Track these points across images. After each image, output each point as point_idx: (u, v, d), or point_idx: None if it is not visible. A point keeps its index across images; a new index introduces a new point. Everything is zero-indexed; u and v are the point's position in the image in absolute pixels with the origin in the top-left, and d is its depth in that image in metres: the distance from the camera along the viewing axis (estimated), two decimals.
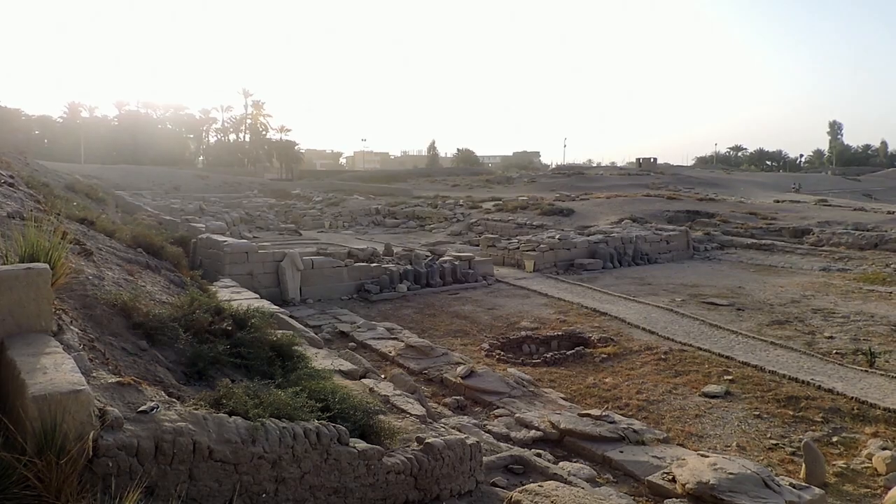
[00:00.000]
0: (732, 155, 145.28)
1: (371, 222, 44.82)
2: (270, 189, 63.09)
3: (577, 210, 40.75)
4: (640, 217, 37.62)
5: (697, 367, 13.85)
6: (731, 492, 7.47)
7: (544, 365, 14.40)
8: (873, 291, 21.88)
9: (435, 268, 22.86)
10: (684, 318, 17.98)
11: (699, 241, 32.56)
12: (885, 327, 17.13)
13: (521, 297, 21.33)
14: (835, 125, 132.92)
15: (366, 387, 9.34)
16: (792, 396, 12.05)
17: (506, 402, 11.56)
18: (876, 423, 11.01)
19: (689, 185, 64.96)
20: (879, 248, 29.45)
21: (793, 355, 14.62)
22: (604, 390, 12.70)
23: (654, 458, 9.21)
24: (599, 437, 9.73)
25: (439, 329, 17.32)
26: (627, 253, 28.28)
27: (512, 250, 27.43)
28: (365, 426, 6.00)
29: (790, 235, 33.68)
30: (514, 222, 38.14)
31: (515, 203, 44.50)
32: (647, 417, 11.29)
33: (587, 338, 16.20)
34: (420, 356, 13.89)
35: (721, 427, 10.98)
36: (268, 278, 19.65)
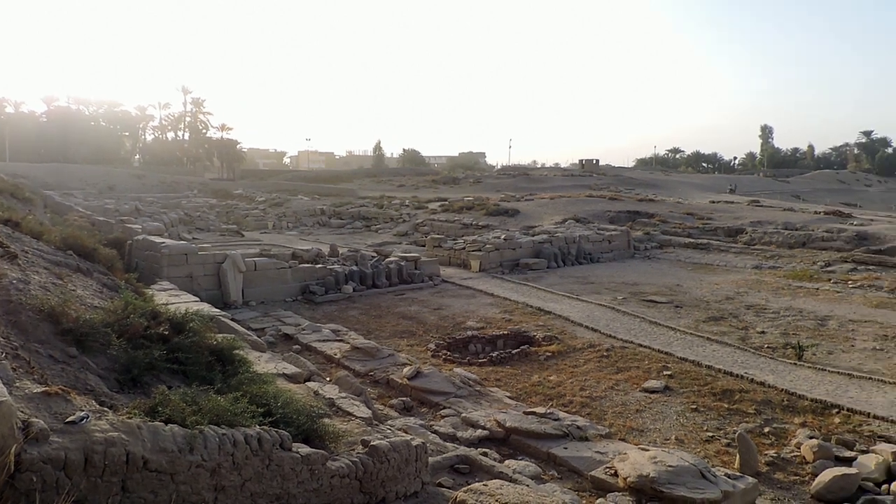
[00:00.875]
0: (671, 157, 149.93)
1: (316, 223, 44.22)
2: (211, 189, 61.48)
3: (522, 210, 41.25)
4: (583, 217, 38.38)
5: (638, 363, 14.22)
6: (670, 484, 7.68)
7: (490, 364, 14.50)
8: (801, 288, 22.94)
9: (381, 268, 22.73)
10: (626, 316, 18.42)
11: (639, 240, 33.46)
12: (813, 322, 17.99)
13: (468, 296, 21.44)
14: (766, 129, 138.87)
15: (310, 390, 9.18)
16: (727, 390, 12.50)
17: (452, 402, 11.58)
18: (804, 413, 11.53)
19: (630, 186, 66.71)
20: (807, 247, 30.93)
21: (727, 350, 15.19)
22: (548, 388, 12.88)
23: (598, 453, 9.38)
24: (544, 435, 9.85)
25: (385, 330, 17.23)
26: (571, 252, 28.80)
27: (458, 250, 27.53)
28: (309, 430, 5.89)
29: (725, 235, 34.98)
30: (460, 222, 38.31)
31: (461, 203, 44.69)
32: (590, 413, 11.51)
33: (532, 336, 16.40)
34: (366, 358, 13.78)
35: (661, 421, 11.29)
36: (208, 281, 19.13)
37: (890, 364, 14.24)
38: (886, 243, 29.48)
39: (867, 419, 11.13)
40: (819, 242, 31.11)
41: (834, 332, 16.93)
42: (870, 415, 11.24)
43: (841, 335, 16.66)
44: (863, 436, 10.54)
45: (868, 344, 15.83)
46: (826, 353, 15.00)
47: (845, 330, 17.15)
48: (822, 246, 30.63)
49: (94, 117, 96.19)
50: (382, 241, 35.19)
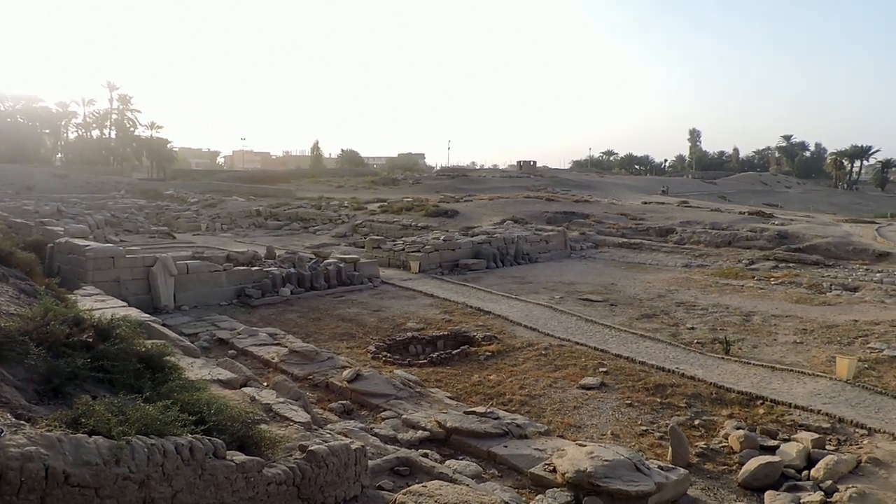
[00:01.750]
0: (605, 159, 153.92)
1: (252, 224, 43.20)
2: (140, 189, 59.18)
3: (461, 211, 41.48)
4: (521, 218, 38.91)
5: (575, 360, 14.50)
6: (606, 478, 7.86)
7: (430, 365, 14.50)
8: (728, 285, 23.95)
9: (319, 270, 22.40)
10: (563, 315, 18.77)
11: (576, 240, 34.19)
12: (738, 317, 18.80)
13: (407, 298, 21.38)
14: (694, 133, 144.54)
15: (247, 396, 8.94)
16: (660, 385, 12.90)
17: (393, 404, 11.52)
18: (731, 405, 12.03)
19: (567, 187, 68.09)
20: (733, 246, 32.34)
21: (660, 346, 15.69)
22: (488, 387, 12.98)
23: (537, 450, 9.51)
24: (484, 434, 9.92)
25: (324, 333, 16.98)
26: (510, 253, 29.14)
27: (397, 251, 27.43)
28: (244, 437, 5.73)
29: (656, 235, 36.18)
30: (400, 223, 38.20)
31: (401, 204, 44.59)
32: (529, 411, 11.66)
33: (472, 336, 16.49)
34: (305, 361, 13.54)
35: (597, 417, 11.55)
36: (137, 285, 18.38)
37: (809, 356, 15.03)
38: (805, 242, 31.17)
39: (789, 409, 11.71)
40: (744, 241, 32.59)
41: (758, 327, 17.74)
42: (791, 405, 11.83)
43: (764, 330, 17.47)
44: (785, 425, 11.07)
45: (789, 338, 16.66)
46: (751, 347, 15.70)
47: (768, 325, 18.00)
48: (747, 245, 32.11)
49: (10, 113, 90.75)
50: (321, 242, 34.70)
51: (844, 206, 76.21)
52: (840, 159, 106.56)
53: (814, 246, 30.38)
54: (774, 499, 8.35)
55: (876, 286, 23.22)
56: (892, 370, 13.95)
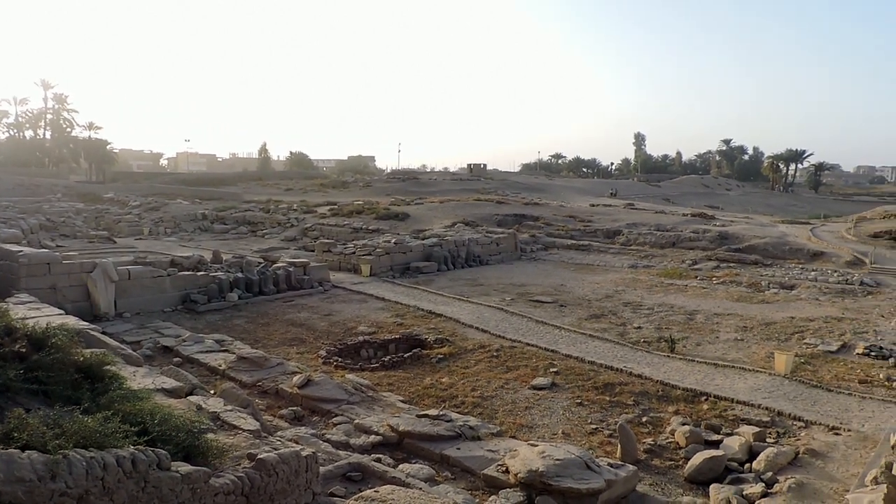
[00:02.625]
0: (554, 162, 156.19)
1: (197, 228, 42.11)
2: (78, 192, 56.91)
3: (412, 214, 41.42)
4: (472, 221, 39.10)
5: (526, 361, 14.64)
6: (558, 476, 7.95)
7: (382, 369, 14.41)
8: (672, 285, 24.62)
9: (268, 275, 21.98)
10: (514, 316, 18.94)
11: (526, 242, 34.55)
12: (683, 316, 19.35)
13: (359, 301, 21.21)
14: (639, 136, 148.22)
15: (192, 404, 8.67)
16: (608, 383, 13.15)
17: (345, 409, 11.39)
18: (677, 402, 12.36)
19: (516, 190, 68.72)
20: (677, 247, 33.27)
21: (608, 345, 16.00)
22: (441, 390, 12.98)
23: (489, 451, 9.55)
24: (437, 437, 9.91)
25: (274, 338, 16.68)
26: (461, 255, 29.25)
27: (348, 255, 27.18)
28: (190, 447, 5.55)
29: (604, 236, 36.90)
30: (350, 227, 37.89)
31: (351, 207, 44.23)
32: (481, 413, 11.71)
33: (424, 339, 16.47)
34: (253, 368, 13.26)
35: (548, 416, 11.69)
36: (75, 292, 17.66)
37: (749, 353, 15.58)
38: (744, 242, 32.31)
39: (731, 404, 12.10)
40: (687, 242, 33.57)
41: (701, 326, 18.28)
42: (733, 400, 12.23)
43: (707, 328, 18.03)
44: (728, 420, 11.44)
45: (731, 335, 17.23)
46: (695, 345, 16.17)
47: (711, 323, 18.57)
48: (690, 245, 33.08)
49: None
50: (270, 246, 34.07)
51: (781, 207, 79.36)
52: (776, 163, 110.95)
53: (753, 246, 31.52)
54: (718, 492, 8.60)
55: (811, 284, 24.26)
56: (827, 364, 14.60)
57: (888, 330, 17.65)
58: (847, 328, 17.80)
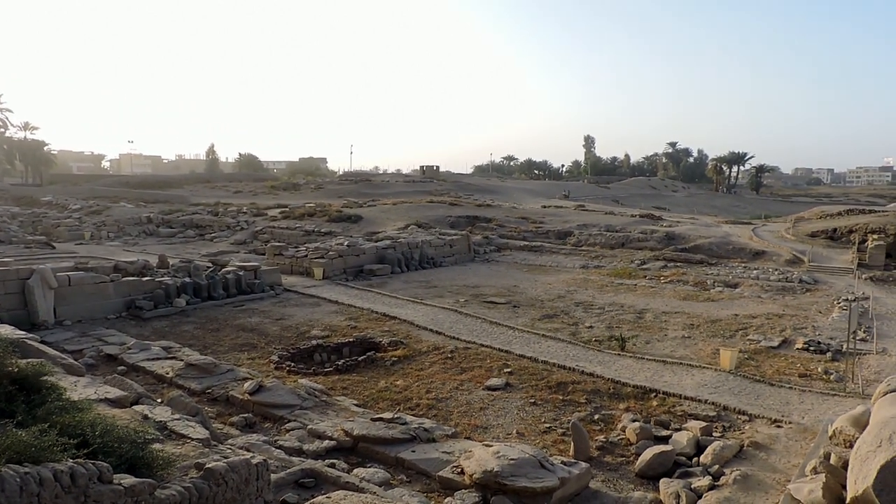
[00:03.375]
0: (506, 164, 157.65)
1: (142, 232, 40.87)
2: (13, 196, 54.55)
3: (365, 216, 41.16)
4: (425, 222, 39.09)
5: (481, 362, 14.70)
6: (512, 476, 8.00)
7: (336, 373, 14.25)
8: (622, 284, 25.13)
9: (217, 279, 21.47)
10: (468, 318, 19.00)
11: (479, 244, 34.73)
12: (632, 315, 19.76)
13: (311, 305, 20.93)
14: (589, 139, 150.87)
15: (138, 414, 8.39)
16: (561, 382, 13.31)
17: (298, 415, 11.21)
18: (627, 399, 12.60)
19: (469, 191, 69.01)
20: (626, 247, 33.99)
21: (561, 345, 16.21)
22: (396, 393, 12.91)
23: (444, 453, 9.54)
24: (392, 440, 9.84)
25: (224, 344, 16.30)
26: (414, 257, 29.19)
27: (300, 258, 26.80)
28: (134, 459, 5.35)
29: (555, 237, 37.40)
30: (302, 229, 37.40)
31: (303, 210, 43.68)
32: (437, 415, 11.69)
33: (378, 342, 16.36)
34: (203, 375, 12.92)
35: (503, 417, 11.76)
36: (11, 300, 16.88)
37: (696, 350, 16.01)
38: (690, 242, 33.24)
39: (679, 400, 12.41)
40: (636, 243, 34.33)
41: (650, 324, 18.71)
42: (681, 396, 12.55)
43: (656, 326, 18.46)
44: (676, 415, 11.72)
45: (678, 333, 17.68)
46: (644, 343, 16.52)
47: (659, 321, 19.02)
48: (639, 246, 33.84)
49: None
50: (219, 250, 33.33)
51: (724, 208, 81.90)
52: (720, 165, 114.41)
53: (698, 246, 32.46)
54: (668, 486, 8.79)
55: (753, 282, 25.12)
56: (769, 360, 15.13)
57: (825, 325, 18.41)
58: (787, 324, 18.49)
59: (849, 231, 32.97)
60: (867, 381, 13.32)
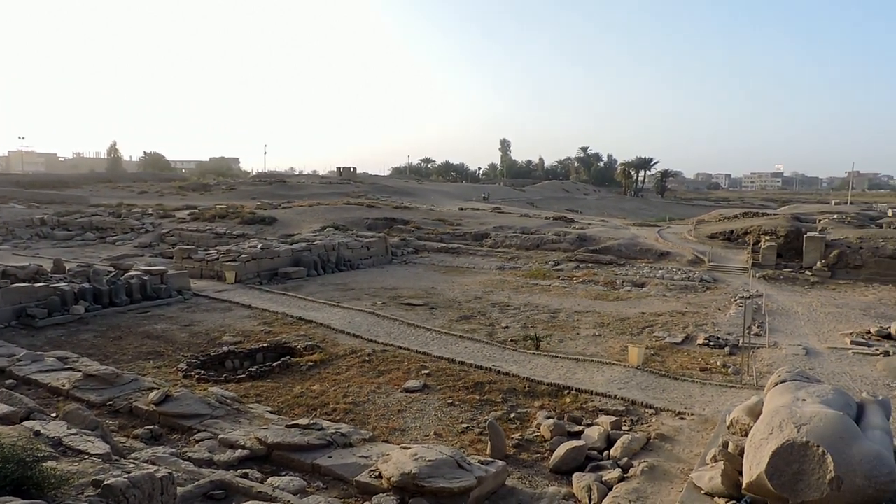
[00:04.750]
0: (423, 166, 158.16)
1: (35, 235, 38.12)
2: None
3: (279, 218, 40.19)
4: (342, 225, 38.61)
5: (398, 365, 14.66)
6: (430, 477, 8.01)
7: (250, 379, 13.83)
8: (537, 285, 25.74)
9: (120, 284, 20.34)
10: (385, 320, 18.90)
11: (396, 246, 34.65)
12: (547, 315, 20.27)
13: (223, 310, 20.20)
14: (505, 142, 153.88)
15: (28, 430, 7.81)
16: (478, 382, 13.48)
17: (208, 424, 10.77)
18: (542, 397, 12.91)
19: (386, 193, 68.75)
20: (540, 248, 34.84)
21: (478, 346, 16.41)
22: (312, 398, 12.67)
23: (362, 457, 9.43)
24: (308, 446, 9.63)
25: (127, 353, 15.46)
26: (331, 260, 28.77)
27: (211, 261, 25.83)
28: (22, 478, 4.96)
29: (472, 239, 37.86)
30: (213, 231, 36.09)
31: (213, 211, 42.14)
32: (354, 419, 11.56)
33: (293, 347, 16.01)
34: (103, 386, 12.18)
35: (421, 418, 11.77)
36: None
37: (606, 347, 16.62)
38: (601, 244, 34.49)
39: (591, 396, 12.83)
40: (550, 244, 35.26)
41: (563, 323, 19.26)
42: (593, 392, 12.98)
43: (569, 325, 19.02)
44: (588, 411, 12.11)
45: (589, 331, 18.30)
46: (558, 342, 16.99)
47: (572, 320, 19.62)
48: (552, 247, 34.78)
49: None
50: (121, 253, 31.58)
51: (632, 211, 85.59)
52: (628, 169, 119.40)
53: (608, 247, 33.73)
54: (581, 480, 9.07)
55: (658, 282, 26.37)
56: (673, 355, 15.91)
57: (724, 322, 19.56)
58: (690, 321, 19.52)
59: (744, 233, 35.19)
60: (760, 373, 14.25)
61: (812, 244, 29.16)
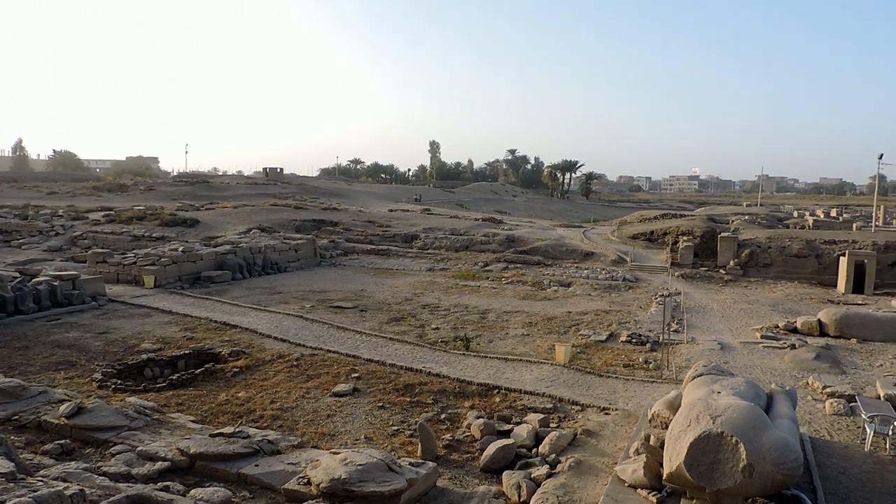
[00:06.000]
0: (353, 167, 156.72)
1: None
2: None
3: (202, 220, 38.86)
4: (268, 227, 37.74)
5: (328, 368, 14.44)
6: (360, 482, 7.92)
7: (171, 388, 13.29)
8: (467, 286, 25.95)
9: (26, 291, 19.13)
10: (314, 324, 18.59)
11: (325, 248, 34.16)
12: (476, 315, 20.46)
13: (141, 316, 19.34)
14: (434, 144, 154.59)
15: None
16: (409, 384, 13.45)
17: (125, 437, 10.27)
18: (472, 397, 13.01)
19: (315, 195, 67.66)
20: (470, 250, 35.16)
21: (408, 347, 16.38)
22: (237, 405, 12.30)
23: (290, 464, 9.23)
24: (233, 455, 9.34)
25: (35, 363, 14.56)
26: (257, 263, 28.06)
27: (128, 265, 24.69)
28: None
29: (402, 241, 37.79)
30: (130, 234, 34.52)
31: (131, 213, 40.31)
32: (282, 426, 11.30)
33: (218, 353, 15.50)
34: (7, 399, 11.41)
35: (351, 423, 11.63)
36: None
37: (534, 346, 16.93)
38: (529, 244, 35.14)
39: (520, 395, 13.04)
40: (479, 245, 35.64)
41: (493, 323, 19.49)
42: (521, 391, 13.20)
43: (498, 325, 19.27)
44: (517, 410, 12.30)
45: (518, 331, 18.60)
46: (487, 342, 17.18)
47: (501, 321, 19.89)
48: (482, 248, 35.17)
49: None
50: (28, 258, 29.70)
51: (559, 212, 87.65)
52: (554, 172, 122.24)
53: (536, 248, 34.41)
54: (510, 478, 9.19)
55: (584, 281, 27.10)
56: (598, 353, 16.38)
57: (645, 319, 20.31)
58: (613, 319, 20.16)
59: (664, 233, 36.68)
60: (679, 367, 14.88)
61: (726, 244, 30.70)
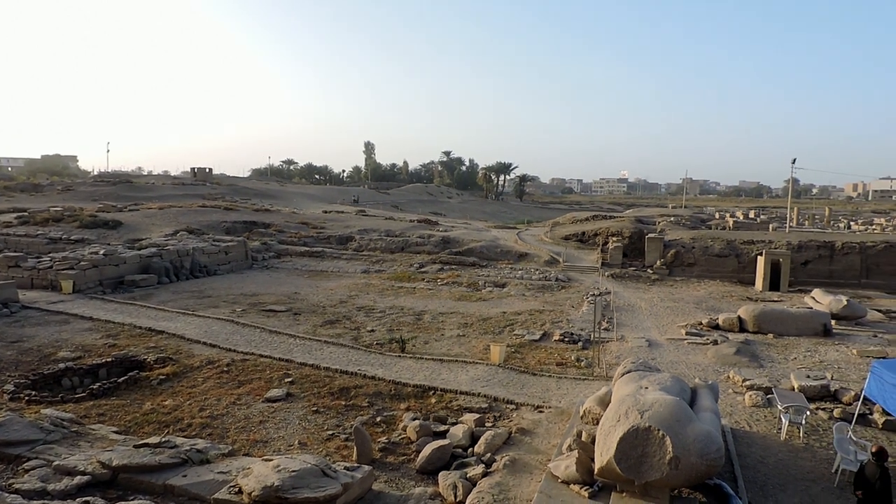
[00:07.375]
0: (286, 168, 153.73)
1: None
2: None
3: (125, 222, 37.25)
4: (197, 228, 36.56)
5: (260, 374, 14.10)
6: (294, 489, 7.77)
7: (91, 398, 12.66)
8: (402, 287, 25.88)
9: None
10: (245, 328, 18.12)
11: (257, 250, 33.38)
12: (412, 317, 20.44)
13: (58, 323, 18.35)
14: (369, 145, 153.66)
15: None
16: (344, 388, 13.29)
17: (40, 451, 9.70)
18: (408, 398, 12.98)
19: (246, 196, 65.99)
20: (405, 251, 35.09)
21: (343, 350, 16.19)
22: (164, 414, 11.84)
23: (221, 473, 8.94)
24: (160, 466, 8.97)
25: None
26: (185, 266, 27.12)
27: (43, 270, 23.39)
28: None
29: (337, 243, 37.36)
30: (46, 237, 32.70)
31: (47, 214, 38.19)
32: (212, 434, 10.96)
33: (142, 360, 14.88)
34: None
35: (284, 428, 11.39)
36: None
37: (470, 347, 17.05)
38: (464, 246, 35.39)
39: (456, 395, 13.09)
40: (414, 247, 35.63)
41: (428, 325, 19.51)
42: (457, 391, 13.26)
43: (434, 326, 19.30)
44: (453, 410, 12.34)
45: (454, 332, 18.68)
46: (423, 344, 17.18)
47: (437, 322, 19.93)
48: (417, 250, 35.17)
49: None
50: None
51: (494, 214, 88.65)
52: (489, 173, 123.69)
53: (471, 249, 34.69)
54: (446, 478, 9.21)
55: (518, 282, 27.50)
56: (532, 352, 16.65)
57: (577, 318, 20.80)
58: (547, 319, 20.55)
59: (594, 234, 37.68)
60: (610, 365, 15.31)
61: (652, 244, 31.82)
